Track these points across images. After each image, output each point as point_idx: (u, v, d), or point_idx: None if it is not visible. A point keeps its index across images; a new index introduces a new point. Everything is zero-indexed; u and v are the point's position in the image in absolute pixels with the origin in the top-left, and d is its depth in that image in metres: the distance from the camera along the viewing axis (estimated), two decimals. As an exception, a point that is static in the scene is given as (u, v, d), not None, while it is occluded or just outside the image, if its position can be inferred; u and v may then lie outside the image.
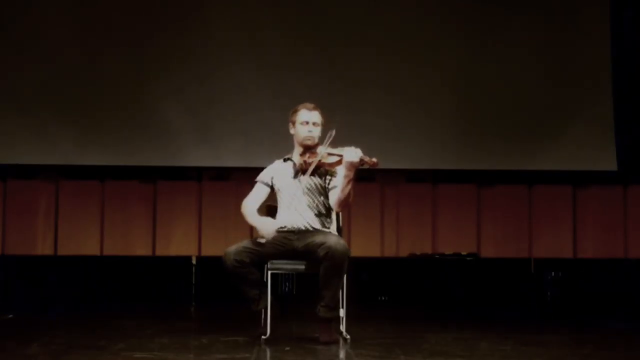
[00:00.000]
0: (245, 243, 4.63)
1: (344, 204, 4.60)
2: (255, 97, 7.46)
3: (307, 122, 4.67)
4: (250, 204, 4.74)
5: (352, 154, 4.42)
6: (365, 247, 7.61)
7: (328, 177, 4.67)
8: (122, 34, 7.47)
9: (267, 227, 4.60)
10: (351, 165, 4.42)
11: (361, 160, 4.40)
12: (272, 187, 4.78)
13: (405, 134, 7.52)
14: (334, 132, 4.55)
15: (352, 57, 7.53)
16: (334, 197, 4.62)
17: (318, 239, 4.53)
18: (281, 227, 4.70)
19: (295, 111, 4.72)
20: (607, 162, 7.58)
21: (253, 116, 7.45)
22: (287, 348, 4.38)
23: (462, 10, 7.62)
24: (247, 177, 4.89)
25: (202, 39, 7.50)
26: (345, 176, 4.47)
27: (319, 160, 4.53)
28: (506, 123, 7.60)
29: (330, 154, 4.53)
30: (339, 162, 4.49)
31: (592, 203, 7.80)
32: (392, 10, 7.60)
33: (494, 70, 7.59)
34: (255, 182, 4.81)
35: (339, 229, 4.83)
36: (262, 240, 4.57)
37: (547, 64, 7.63)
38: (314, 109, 4.71)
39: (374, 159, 4.41)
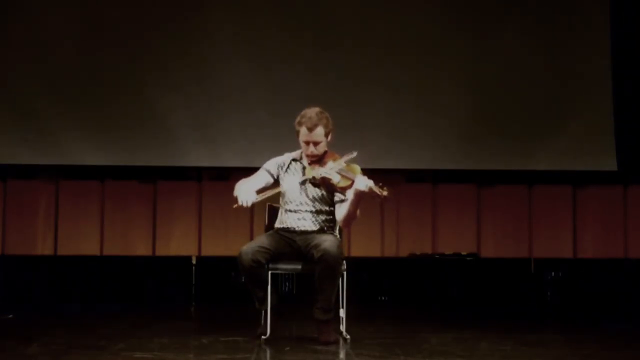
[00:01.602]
0: (259, 242, 4.63)
1: (349, 222, 4.65)
2: (255, 97, 7.46)
3: (307, 142, 4.64)
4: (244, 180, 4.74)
5: (363, 184, 4.40)
6: (365, 247, 7.61)
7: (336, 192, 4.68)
8: (122, 34, 7.46)
9: (242, 194, 4.54)
10: (361, 193, 4.42)
11: (371, 191, 4.38)
12: (275, 179, 4.77)
13: (405, 133, 7.52)
14: (355, 154, 4.53)
15: (352, 57, 7.51)
16: (340, 213, 4.65)
17: (315, 240, 4.55)
18: (285, 227, 4.72)
19: (299, 124, 4.64)
20: (607, 162, 7.57)
21: (253, 116, 7.45)
22: (287, 348, 4.39)
23: (462, 10, 7.61)
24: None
25: (202, 39, 7.49)
26: (353, 201, 4.49)
27: (330, 180, 4.53)
28: (506, 123, 7.59)
29: (341, 175, 4.52)
30: (350, 187, 4.49)
31: (592, 203, 7.79)
32: (393, 10, 7.59)
33: (494, 70, 7.59)
34: (260, 168, 4.80)
35: (339, 229, 4.84)
36: (239, 204, 4.52)
37: (547, 64, 7.62)
38: (316, 125, 4.60)
39: (385, 193, 4.36)
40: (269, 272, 4.62)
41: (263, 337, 4.59)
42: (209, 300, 7.16)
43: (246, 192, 4.57)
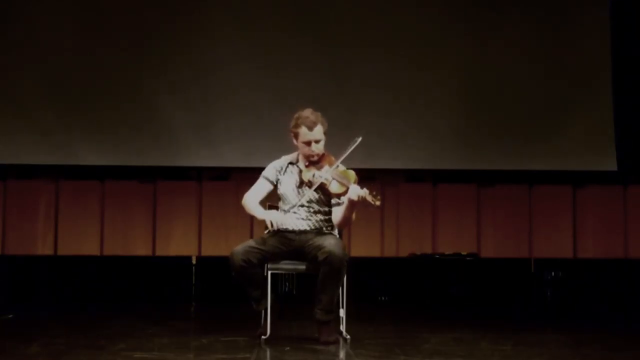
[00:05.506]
0: (252, 243, 4.64)
1: (345, 225, 4.71)
2: (255, 97, 7.46)
3: (309, 142, 4.63)
4: (252, 197, 4.75)
5: (357, 193, 4.42)
6: (365, 247, 7.61)
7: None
8: (122, 34, 7.46)
9: (275, 215, 4.63)
10: (354, 202, 4.44)
11: (364, 201, 4.40)
12: (275, 184, 4.79)
13: (405, 134, 7.52)
14: (359, 140, 4.54)
15: (352, 57, 7.51)
16: (336, 217, 4.67)
17: (318, 241, 4.55)
18: (284, 228, 4.71)
19: (297, 126, 4.62)
20: (607, 162, 7.58)
21: (253, 116, 7.45)
22: (287, 348, 4.39)
23: (462, 10, 7.61)
24: (247, 177, 4.89)
25: (202, 39, 7.49)
26: (348, 207, 4.51)
27: (325, 186, 4.55)
28: (506, 123, 7.59)
29: (337, 181, 4.53)
30: (344, 193, 4.51)
31: (592, 203, 7.79)
32: (393, 10, 7.59)
33: (494, 70, 7.59)
34: (260, 176, 4.81)
35: (339, 230, 4.84)
36: (273, 229, 4.56)
37: (547, 64, 7.62)
38: (314, 123, 4.59)
39: (378, 202, 4.40)
40: (269, 272, 4.62)
41: (263, 337, 4.59)
42: (209, 300, 7.16)
43: (275, 215, 4.63)
